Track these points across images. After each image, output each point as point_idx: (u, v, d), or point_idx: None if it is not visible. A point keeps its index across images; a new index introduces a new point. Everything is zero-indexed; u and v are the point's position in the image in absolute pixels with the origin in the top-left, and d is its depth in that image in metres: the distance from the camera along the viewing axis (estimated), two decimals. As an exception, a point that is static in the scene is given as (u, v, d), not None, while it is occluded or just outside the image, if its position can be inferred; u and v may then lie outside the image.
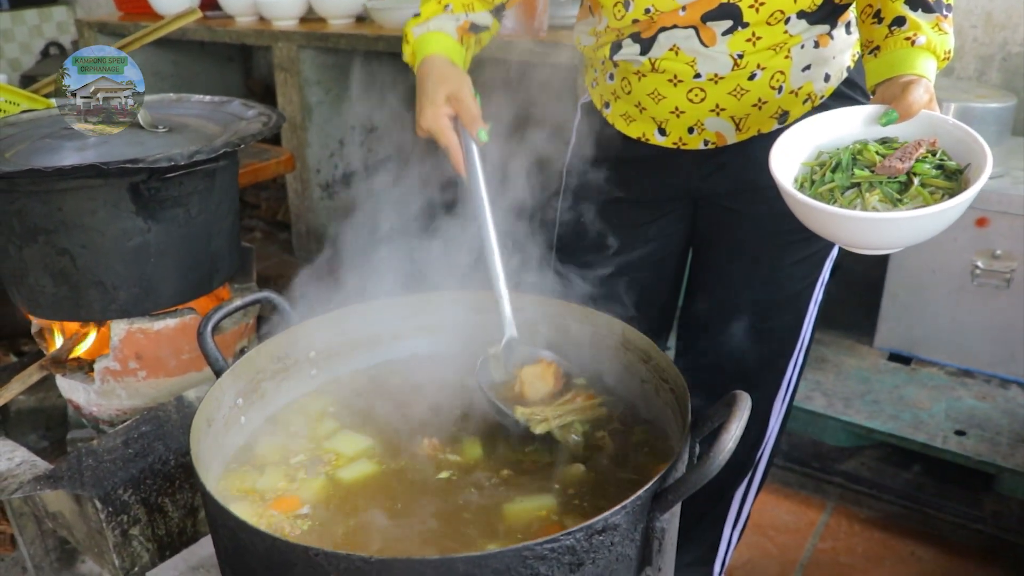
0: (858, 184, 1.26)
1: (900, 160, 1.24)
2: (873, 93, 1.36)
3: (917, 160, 1.24)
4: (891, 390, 2.66)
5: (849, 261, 1.71)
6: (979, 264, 2.58)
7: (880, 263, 2.76)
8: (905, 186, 1.23)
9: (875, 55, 1.36)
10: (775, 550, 2.38)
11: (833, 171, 1.29)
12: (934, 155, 1.25)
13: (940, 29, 1.33)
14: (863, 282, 2.84)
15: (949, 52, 1.34)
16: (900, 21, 1.33)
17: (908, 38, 1.32)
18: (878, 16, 1.37)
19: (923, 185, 1.22)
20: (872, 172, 1.26)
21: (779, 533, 2.44)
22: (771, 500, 2.54)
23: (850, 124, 1.34)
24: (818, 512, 2.51)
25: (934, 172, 1.23)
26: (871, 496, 2.53)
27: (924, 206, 1.19)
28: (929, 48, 1.31)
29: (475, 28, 1.60)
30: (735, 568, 2.30)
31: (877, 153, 1.28)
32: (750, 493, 1.92)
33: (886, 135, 1.31)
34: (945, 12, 1.35)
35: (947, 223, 1.19)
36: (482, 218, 1.40)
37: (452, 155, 1.46)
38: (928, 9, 1.34)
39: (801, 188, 1.30)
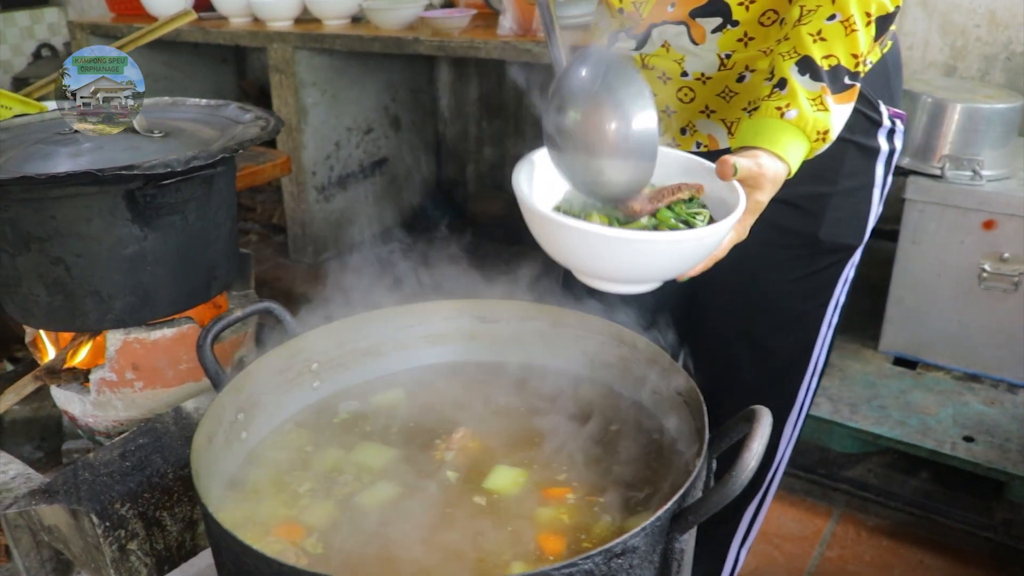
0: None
1: (649, 200, 1.15)
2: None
3: (668, 206, 1.15)
4: (897, 395, 2.63)
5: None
6: (986, 267, 2.55)
7: (885, 265, 2.74)
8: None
9: (750, 115, 1.26)
10: (782, 559, 2.35)
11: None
12: (691, 202, 1.17)
13: (821, 104, 1.21)
14: (868, 285, 2.81)
15: (825, 133, 1.22)
16: (782, 84, 1.22)
17: (779, 108, 1.21)
18: (771, 70, 1.27)
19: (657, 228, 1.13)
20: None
21: (785, 541, 2.41)
22: (777, 508, 2.51)
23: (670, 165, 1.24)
24: (825, 520, 2.48)
25: (672, 221, 1.14)
26: (878, 503, 2.51)
27: None
28: (799, 125, 1.20)
29: None
30: (741, 577, 2.28)
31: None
32: (760, 513, 1.88)
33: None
34: (848, 81, 1.23)
35: (652, 262, 1.10)
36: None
37: None
38: (816, 77, 1.21)
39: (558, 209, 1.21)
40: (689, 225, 1.14)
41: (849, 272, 1.63)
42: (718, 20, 1.40)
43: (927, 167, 2.62)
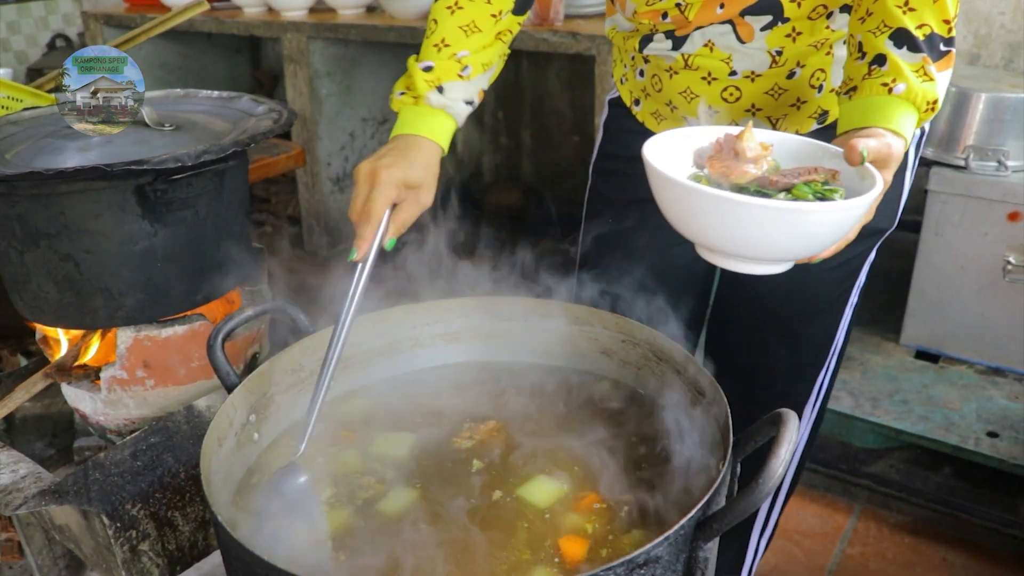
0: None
1: (783, 176, 1.12)
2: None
3: (804, 183, 1.11)
4: (920, 389, 2.59)
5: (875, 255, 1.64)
6: (1011, 260, 2.49)
7: (907, 257, 2.70)
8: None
9: (850, 97, 1.22)
10: (802, 556, 2.31)
11: None
12: (825, 185, 1.13)
13: (925, 75, 1.17)
14: (889, 277, 2.77)
15: (934, 103, 1.18)
16: (881, 60, 1.18)
17: (885, 84, 1.17)
18: (860, 49, 1.23)
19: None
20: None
21: (806, 538, 2.37)
22: (797, 503, 2.47)
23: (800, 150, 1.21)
24: (846, 516, 2.44)
25: (811, 197, 1.10)
26: (900, 499, 2.47)
27: None
28: (909, 98, 1.16)
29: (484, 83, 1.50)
30: (762, 575, 2.24)
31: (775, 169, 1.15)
32: (777, 503, 1.85)
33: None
34: (944, 47, 1.19)
35: (797, 234, 1.06)
36: (345, 311, 1.26)
37: (368, 229, 1.30)
38: (915, 48, 1.18)
39: None
40: (824, 198, 1.10)
41: (873, 255, 1.62)
42: (768, 17, 1.37)
43: (951, 158, 2.57)
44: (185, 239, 1.59)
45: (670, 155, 1.19)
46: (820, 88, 1.45)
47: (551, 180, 4.37)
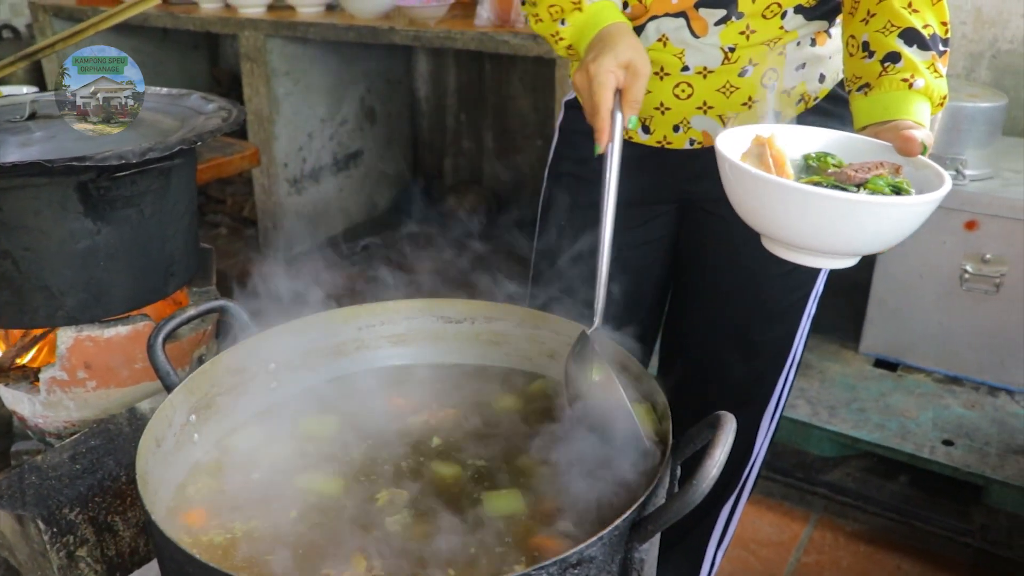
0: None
1: (855, 171, 1.14)
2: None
3: (878, 177, 1.13)
4: (877, 398, 2.60)
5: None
6: (968, 268, 2.52)
7: (866, 266, 2.70)
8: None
9: (865, 93, 1.26)
10: (758, 564, 2.31)
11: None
12: (894, 178, 1.14)
13: (936, 71, 1.23)
14: (848, 285, 2.78)
15: (945, 98, 1.25)
16: (894, 58, 1.23)
17: (905, 80, 1.22)
18: (867, 49, 1.27)
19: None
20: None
21: (761, 547, 2.37)
22: (753, 512, 2.47)
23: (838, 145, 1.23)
24: (802, 525, 2.44)
25: (888, 190, 1.11)
26: (856, 508, 2.47)
27: None
28: (926, 93, 1.22)
29: None
30: (716, 583, 2.24)
31: (835, 165, 1.18)
32: (736, 512, 1.84)
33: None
34: (942, 47, 1.25)
35: (886, 228, 1.07)
36: (605, 200, 1.28)
37: (601, 121, 1.29)
38: (924, 46, 1.24)
39: None
40: (901, 194, 1.10)
41: None
42: (722, 12, 1.37)
43: (909, 166, 2.58)
44: (129, 238, 1.57)
45: (741, 149, 1.20)
46: (772, 88, 1.45)
47: (513, 183, 4.36)
